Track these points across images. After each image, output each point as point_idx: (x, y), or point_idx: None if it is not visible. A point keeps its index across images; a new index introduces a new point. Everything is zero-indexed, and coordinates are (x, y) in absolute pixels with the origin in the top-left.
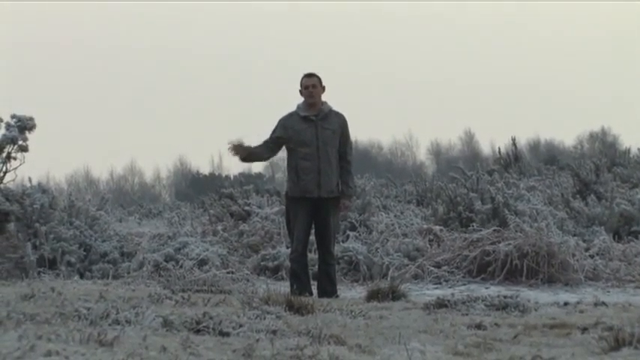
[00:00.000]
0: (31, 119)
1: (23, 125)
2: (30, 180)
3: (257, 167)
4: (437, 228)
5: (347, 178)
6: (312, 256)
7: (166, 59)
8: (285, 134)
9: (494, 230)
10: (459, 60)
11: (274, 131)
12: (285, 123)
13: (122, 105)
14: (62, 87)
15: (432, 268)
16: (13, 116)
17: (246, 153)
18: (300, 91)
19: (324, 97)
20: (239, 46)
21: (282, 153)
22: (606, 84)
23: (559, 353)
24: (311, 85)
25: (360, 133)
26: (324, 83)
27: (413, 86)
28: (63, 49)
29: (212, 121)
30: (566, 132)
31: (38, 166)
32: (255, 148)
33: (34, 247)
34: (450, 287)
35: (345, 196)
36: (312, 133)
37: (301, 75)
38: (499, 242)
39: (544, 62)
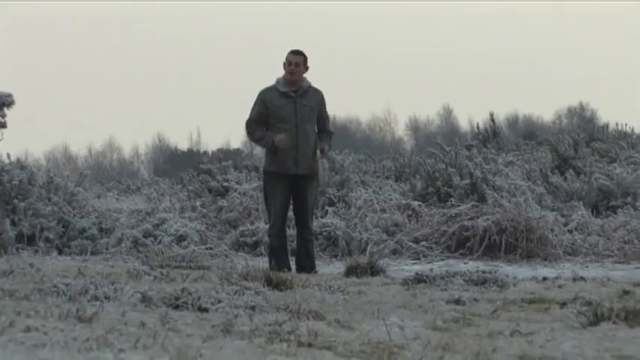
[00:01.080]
0: (10, 95)
1: (1, 102)
2: (8, 156)
3: (235, 143)
4: (415, 203)
5: (326, 140)
6: (291, 231)
7: (145, 36)
8: (265, 109)
9: (473, 205)
10: (437, 35)
11: (255, 108)
12: (264, 97)
13: (100, 81)
14: (40, 62)
15: (411, 244)
16: None
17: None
18: (284, 64)
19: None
20: (216, 23)
21: None
22: (584, 59)
23: (538, 328)
24: (294, 63)
25: (338, 108)
26: (308, 63)
27: (391, 62)
28: (40, 21)
29: (190, 98)
30: (545, 107)
31: (16, 142)
32: (261, 131)
33: (13, 223)
34: (428, 262)
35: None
36: (291, 109)
37: (288, 50)
38: (477, 217)
39: (522, 37)
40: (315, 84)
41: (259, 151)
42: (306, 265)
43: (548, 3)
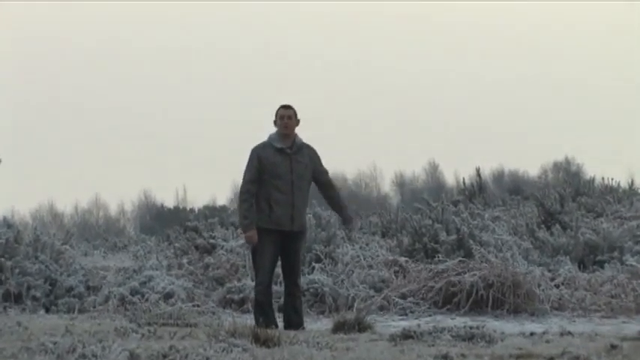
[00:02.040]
0: None
1: None
2: None
3: (221, 200)
4: (402, 259)
5: (343, 202)
6: (277, 288)
7: (130, 93)
8: (260, 165)
9: (460, 261)
10: (422, 91)
11: (250, 167)
12: (260, 154)
13: (85, 139)
14: (23, 121)
15: (398, 300)
16: None
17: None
18: (275, 121)
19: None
20: (198, 80)
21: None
22: (570, 114)
23: None
24: (286, 117)
25: (324, 164)
26: (299, 116)
27: (376, 117)
28: (23, 78)
29: (176, 155)
30: (531, 162)
31: (2, 200)
32: (251, 211)
33: (0, 281)
34: (415, 318)
35: (350, 217)
36: (287, 166)
37: (277, 106)
38: (464, 273)
39: (507, 92)
40: (305, 140)
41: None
42: (294, 322)
43: (529, 58)
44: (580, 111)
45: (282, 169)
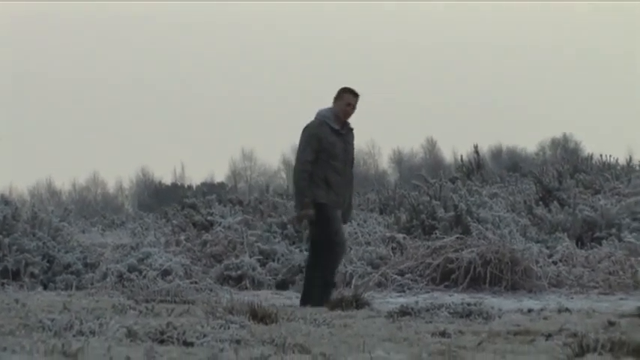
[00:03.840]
0: None
1: None
2: None
3: (219, 177)
4: (400, 236)
5: (351, 202)
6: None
7: (129, 71)
8: (320, 146)
9: (457, 238)
10: (420, 67)
11: (308, 146)
12: (318, 133)
13: (83, 116)
14: (22, 97)
15: (396, 276)
16: None
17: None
18: (340, 103)
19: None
20: (198, 59)
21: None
22: (568, 91)
23: None
24: (353, 105)
25: None
26: None
27: (375, 94)
28: (24, 56)
29: (174, 131)
30: (529, 139)
31: (0, 177)
32: (309, 189)
33: None
34: (413, 295)
35: (347, 220)
36: (341, 147)
37: (345, 88)
38: (462, 250)
39: (505, 69)
40: (296, 117)
41: (243, 184)
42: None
43: (529, 35)
44: (579, 87)
45: (338, 149)
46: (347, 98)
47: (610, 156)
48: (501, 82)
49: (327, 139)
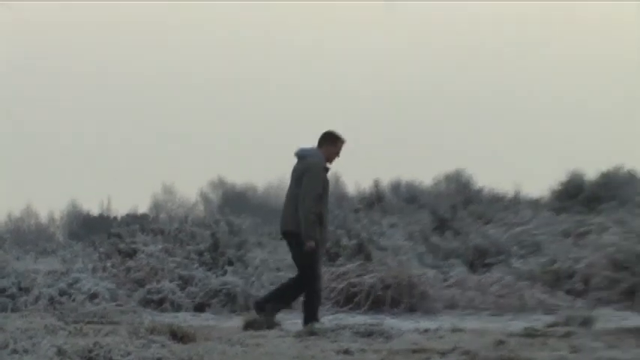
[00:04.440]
0: None
1: None
2: None
3: (142, 208)
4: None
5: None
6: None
7: (61, 105)
8: (323, 183)
9: (360, 264)
10: (325, 103)
11: (320, 181)
12: (323, 172)
13: (19, 152)
14: None
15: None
16: None
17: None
18: (331, 148)
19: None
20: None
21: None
22: (461, 125)
23: None
24: (341, 151)
25: (237, 176)
26: None
27: (282, 132)
28: None
29: (101, 168)
30: (425, 173)
31: None
32: (315, 224)
33: None
34: (321, 317)
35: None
36: (328, 187)
37: (338, 136)
38: (364, 275)
39: (402, 109)
40: (212, 153)
41: (164, 215)
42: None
43: (422, 77)
44: (471, 124)
45: (328, 189)
46: (340, 145)
47: (499, 189)
48: (398, 120)
49: (325, 178)
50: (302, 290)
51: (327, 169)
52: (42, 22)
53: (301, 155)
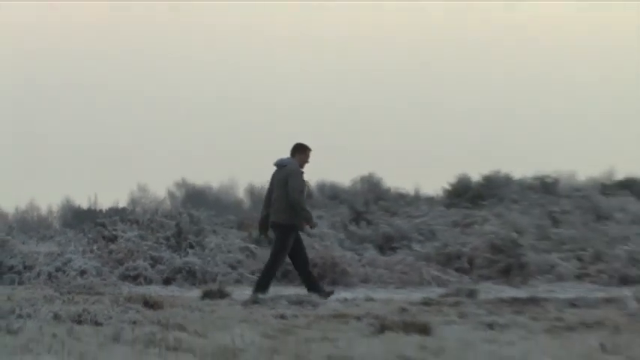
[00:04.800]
0: None
1: None
2: None
3: (122, 203)
4: (252, 246)
5: None
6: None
7: (56, 117)
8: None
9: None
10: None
11: (303, 180)
12: (301, 174)
13: (23, 152)
14: None
15: (249, 275)
16: None
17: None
18: (303, 156)
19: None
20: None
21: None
22: (374, 134)
23: (340, 336)
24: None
25: (197, 177)
26: None
27: (233, 141)
28: None
29: (89, 169)
30: (345, 175)
31: None
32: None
33: None
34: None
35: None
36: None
37: (307, 146)
38: None
39: (326, 119)
40: (177, 159)
41: (139, 209)
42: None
43: (338, 88)
44: (382, 133)
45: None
46: (308, 153)
47: (403, 189)
48: (325, 130)
49: (303, 179)
50: (306, 267)
51: (302, 173)
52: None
53: (281, 164)
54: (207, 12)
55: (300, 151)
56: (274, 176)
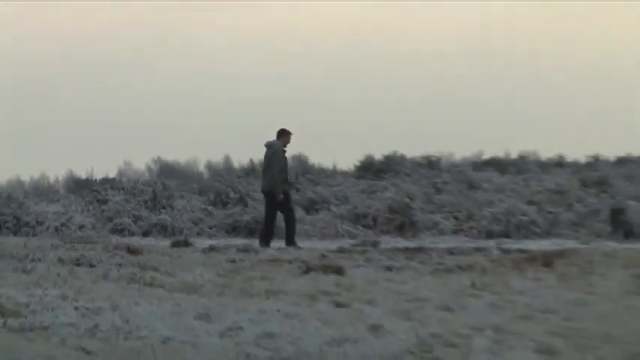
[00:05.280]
0: None
1: None
2: None
3: (112, 175)
4: (210, 207)
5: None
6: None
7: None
8: (284, 160)
9: (241, 208)
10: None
11: (282, 157)
12: (283, 153)
13: (36, 125)
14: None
15: (207, 229)
16: None
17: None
18: (285, 139)
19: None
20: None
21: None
22: (302, 119)
23: (276, 275)
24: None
25: (169, 154)
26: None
27: (199, 121)
28: None
29: (85, 148)
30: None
31: None
32: (279, 184)
33: None
34: (217, 240)
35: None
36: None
37: (288, 130)
38: (243, 215)
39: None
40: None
41: (125, 179)
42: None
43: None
44: (310, 119)
45: (286, 163)
46: (289, 136)
47: (324, 164)
48: (259, 109)
49: (285, 158)
50: (288, 220)
51: (285, 152)
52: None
53: (268, 145)
54: None
55: (284, 135)
56: (265, 155)
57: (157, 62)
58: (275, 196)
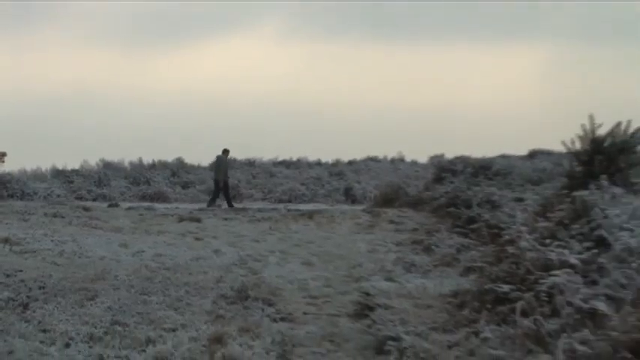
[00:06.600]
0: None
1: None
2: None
3: (77, 166)
4: (130, 185)
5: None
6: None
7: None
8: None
9: (148, 185)
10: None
11: (226, 165)
12: (225, 162)
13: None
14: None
15: (129, 198)
16: None
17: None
18: (227, 154)
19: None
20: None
21: None
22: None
23: (164, 222)
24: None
25: (149, 152)
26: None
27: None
28: None
29: (78, 147)
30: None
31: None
32: (224, 175)
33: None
34: (133, 203)
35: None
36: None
37: (227, 149)
38: (148, 189)
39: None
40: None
41: (84, 170)
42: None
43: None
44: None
45: (227, 167)
46: (228, 153)
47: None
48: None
49: (227, 165)
50: (227, 194)
51: (226, 161)
52: None
53: (219, 157)
54: None
55: (226, 152)
56: (216, 162)
57: None
58: (219, 182)
